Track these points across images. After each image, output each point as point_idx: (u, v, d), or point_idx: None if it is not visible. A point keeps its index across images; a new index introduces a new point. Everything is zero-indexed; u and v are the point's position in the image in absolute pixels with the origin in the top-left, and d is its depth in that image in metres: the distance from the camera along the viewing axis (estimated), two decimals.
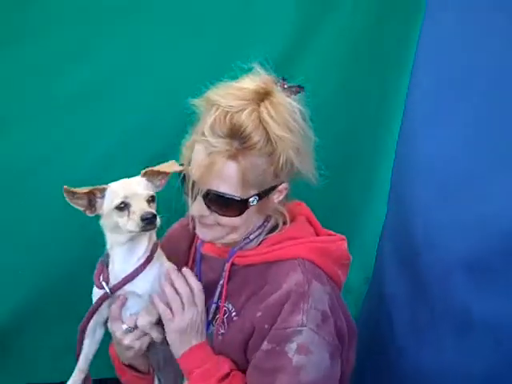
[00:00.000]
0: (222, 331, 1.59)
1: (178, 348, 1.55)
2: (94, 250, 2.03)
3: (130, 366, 1.72)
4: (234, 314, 1.58)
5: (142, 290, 1.59)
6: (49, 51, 2.08)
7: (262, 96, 1.45)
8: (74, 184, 1.53)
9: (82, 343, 1.64)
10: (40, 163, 2.14)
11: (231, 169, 1.43)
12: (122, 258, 1.59)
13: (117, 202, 1.50)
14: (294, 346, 1.42)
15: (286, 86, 1.51)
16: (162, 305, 1.55)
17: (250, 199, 1.47)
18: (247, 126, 1.41)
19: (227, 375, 1.51)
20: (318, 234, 1.65)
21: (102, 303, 1.59)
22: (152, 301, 1.57)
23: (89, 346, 1.65)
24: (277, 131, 1.43)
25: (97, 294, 1.61)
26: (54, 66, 2.09)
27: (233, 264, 1.58)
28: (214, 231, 1.55)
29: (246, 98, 1.44)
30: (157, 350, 1.67)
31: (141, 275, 1.58)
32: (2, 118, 2.10)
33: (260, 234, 1.60)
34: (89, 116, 2.13)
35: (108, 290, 1.57)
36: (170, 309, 1.55)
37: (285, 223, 1.61)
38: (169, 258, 1.66)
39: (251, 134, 1.41)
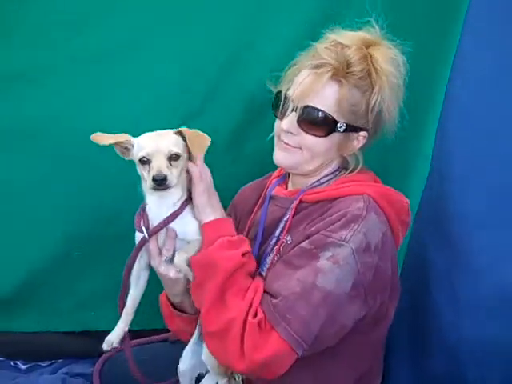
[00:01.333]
0: (276, 259, 1.65)
1: (208, 213, 1.62)
2: (121, 200, 2.12)
3: (181, 311, 1.79)
4: (289, 242, 1.63)
5: (179, 232, 1.64)
6: (83, 2, 2.07)
7: (372, 43, 1.62)
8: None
9: (126, 287, 1.69)
10: (70, 112, 2.15)
11: (332, 88, 1.57)
12: (155, 206, 1.64)
13: (140, 155, 1.55)
14: (328, 253, 1.49)
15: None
16: (194, 167, 1.62)
17: (339, 123, 1.59)
18: (353, 56, 1.58)
19: (247, 252, 1.60)
20: None
21: (141, 247, 1.65)
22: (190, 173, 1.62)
23: (134, 291, 1.70)
24: (380, 64, 1.58)
25: (138, 238, 1.66)
26: (87, 18, 2.08)
27: (300, 202, 1.66)
28: (294, 156, 1.64)
29: (357, 40, 1.60)
30: None
31: (177, 219, 1.62)
32: (34, 67, 2.12)
33: (331, 179, 1.69)
34: (120, 67, 2.12)
35: (146, 235, 1.62)
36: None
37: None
38: (239, 206, 1.82)
39: (355, 62, 1.57)
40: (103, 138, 1.56)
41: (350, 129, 1.60)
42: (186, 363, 1.74)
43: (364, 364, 1.69)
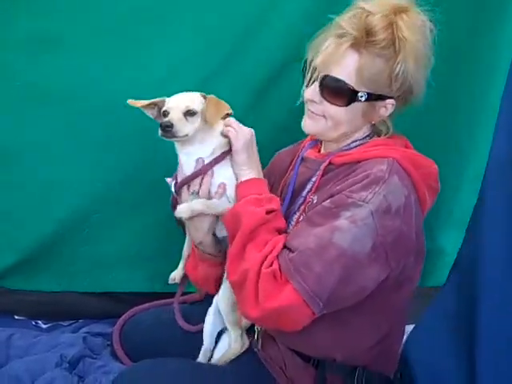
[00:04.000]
0: (302, 218, 1.68)
1: (244, 171, 1.71)
2: (141, 162, 2.16)
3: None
4: (315, 202, 1.66)
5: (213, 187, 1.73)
6: None
7: (401, 10, 1.58)
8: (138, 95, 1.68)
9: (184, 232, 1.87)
10: (99, 76, 2.14)
11: (352, 58, 1.56)
12: (183, 164, 1.74)
13: (163, 109, 1.69)
14: (348, 213, 1.50)
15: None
16: (231, 129, 1.70)
17: (360, 93, 1.58)
18: (377, 24, 1.55)
19: (273, 211, 1.64)
20: None
21: (174, 201, 1.78)
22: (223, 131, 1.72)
23: (188, 241, 1.88)
24: (404, 33, 1.54)
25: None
26: None
27: (329, 164, 1.69)
28: (318, 124, 1.66)
29: (385, 7, 1.57)
30: None
31: (216, 173, 1.72)
32: (69, 31, 2.10)
33: (361, 144, 1.69)
34: (155, 30, 2.11)
35: (173, 190, 1.76)
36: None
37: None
38: (274, 170, 1.89)
39: (378, 31, 1.54)
40: (139, 102, 1.70)
41: (374, 97, 1.59)
42: (207, 321, 1.85)
43: (385, 326, 1.69)
